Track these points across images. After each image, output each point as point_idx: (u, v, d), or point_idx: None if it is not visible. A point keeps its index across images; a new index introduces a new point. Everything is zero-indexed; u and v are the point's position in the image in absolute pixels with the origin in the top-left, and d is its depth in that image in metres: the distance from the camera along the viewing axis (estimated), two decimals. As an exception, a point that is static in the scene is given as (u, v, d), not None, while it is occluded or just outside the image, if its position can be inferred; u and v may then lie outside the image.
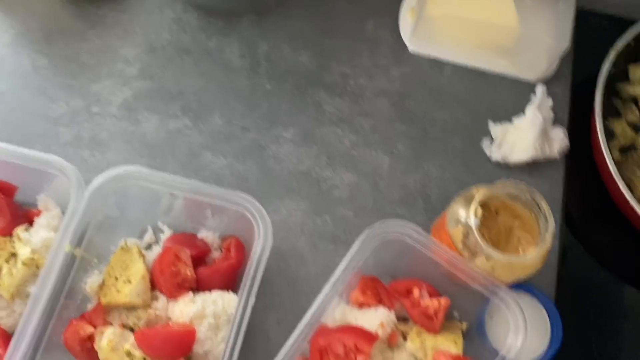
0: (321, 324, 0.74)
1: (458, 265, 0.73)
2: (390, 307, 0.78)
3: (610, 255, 0.90)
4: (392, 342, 0.77)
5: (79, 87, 0.94)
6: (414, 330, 0.77)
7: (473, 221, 0.70)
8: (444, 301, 0.77)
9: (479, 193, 0.71)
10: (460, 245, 0.73)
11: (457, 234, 0.74)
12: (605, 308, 0.87)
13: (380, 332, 0.75)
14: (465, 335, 0.80)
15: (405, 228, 0.74)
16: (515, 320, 0.72)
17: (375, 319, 0.76)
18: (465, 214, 0.72)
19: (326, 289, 0.72)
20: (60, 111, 0.93)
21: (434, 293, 0.79)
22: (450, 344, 0.76)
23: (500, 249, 0.73)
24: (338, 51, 0.99)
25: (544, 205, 0.71)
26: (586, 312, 0.86)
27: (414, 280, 0.80)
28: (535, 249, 0.70)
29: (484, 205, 0.76)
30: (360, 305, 0.79)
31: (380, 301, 0.79)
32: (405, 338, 0.78)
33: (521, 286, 0.82)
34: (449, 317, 0.81)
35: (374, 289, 0.80)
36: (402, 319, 0.81)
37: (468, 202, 0.73)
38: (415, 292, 0.78)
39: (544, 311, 0.82)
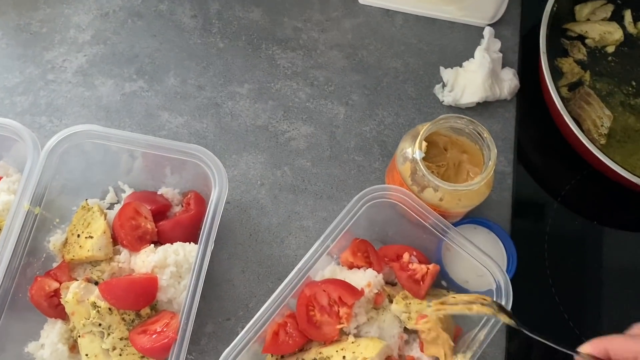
0: (310, 279, 0.75)
1: (450, 234, 0.74)
2: (379, 270, 0.79)
3: (561, 189, 0.93)
4: (377, 303, 0.78)
5: (32, 56, 0.95)
6: (400, 294, 0.78)
7: (418, 154, 0.72)
8: (432, 267, 0.77)
9: (424, 128, 0.73)
10: (409, 181, 0.76)
11: (405, 170, 0.76)
12: (559, 238, 0.90)
13: (366, 291, 0.76)
14: None
15: (399, 193, 0.74)
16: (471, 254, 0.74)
17: (363, 279, 0.77)
18: (412, 150, 0.75)
19: (315, 245, 0.73)
20: (15, 80, 0.93)
21: (424, 261, 0.80)
22: None
23: (452, 182, 0.76)
24: (289, 6, 1.01)
25: (486, 134, 0.73)
26: (541, 243, 0.89)
27: (405, 246, 0.81)
28: (480, 176, 0.72)
29: (432, 142, 0.79)
30: (350, 266, 0.81)
31: (369, 263, 0.80)
32: (391, 301, 0.78)
33: (477, 220, 0.85)
34: (437, 285, 0.82)
35: (365, 251, 0.81)
36: (390, 283, 0.82)
37: (414, 138, 0.75)
38: (405, 255, 0.79)
39: (500, 243, 0.85)
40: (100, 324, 0.73)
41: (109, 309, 0.73)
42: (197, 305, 0.70)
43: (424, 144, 0.73)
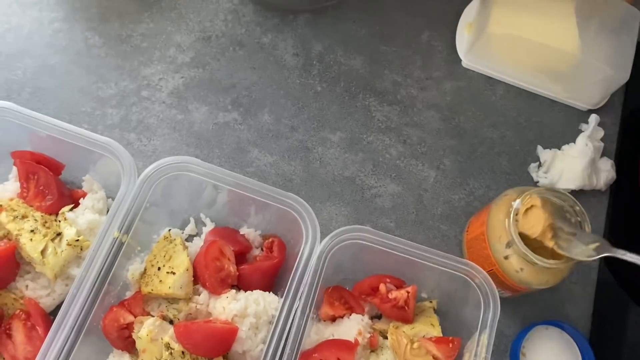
0: (300, 351, 0.71)
1: (417, 253, 0.73)
2: (362, 312, 0.78)
3: (646, 293, 0.90)
4: (373, 345, 0.76)
5: (129, 69, 0.93)
6: (391, 325, 0.77)
7: (517, 203, 0.72)
8: (411, 289, 0.76)
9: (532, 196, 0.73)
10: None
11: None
12: (639, 345, 0.86)
13: (359, 340, 0.74)
14: (438, 312, 0.80)
15: (358, 231, 0.73)
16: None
17: (351, 328, 0.76)
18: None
19: (297, 316, 0.69)
20: (109, 92, 0.91)
21: (399, 283, 0.78)
22: (428, 327, 0.77)
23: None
24: (391, 59, 0.98)
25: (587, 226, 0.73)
26: (619, 349, 0.86)
27: (376, 276, 0.79)
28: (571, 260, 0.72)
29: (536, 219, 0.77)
30: (333, 319, 0.79)
31: (350, 308, 0.79)
32: (385, 336, 0.77)
33: (552, 322, 0.82)
34: (418, 300, 0.80)
35: (341, 298, 0.79)
36: (376, 316, 0.80)
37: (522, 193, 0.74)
38: (382, 287, 0.77)
39: (576, 347, 0.81)
40: (170, 366, 0.70)
41: (182, 352, 0.70)
42: (276, 365, 0.68)
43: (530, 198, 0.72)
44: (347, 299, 0.80)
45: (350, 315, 0.78)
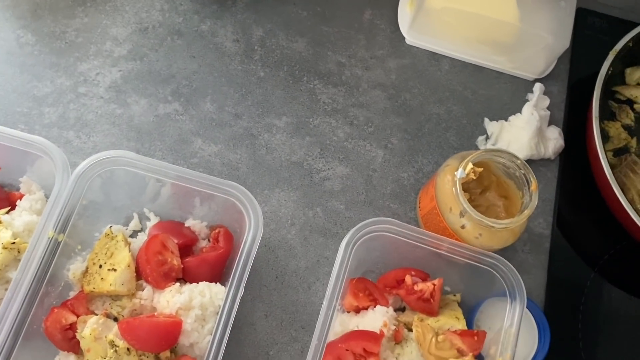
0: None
1: (443, 245, 0.73)
2: (386, 304, 0.78)
3: (600, 258, 0.89)
4: (398, 339, 0.76)
5: (65, 66, 0.91)
6: (416, 318, 0.76)
7: (460, 173, 0.72)
8: (437, 282, 0.76)
9: (475, 153, 0.74)
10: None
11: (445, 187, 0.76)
12: (594, 312, 0.86)
13: (385, 331, 0.74)
14: (462, 305, 0.80)
15: (384, 223, 0.73)
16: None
17: (376, 320, 0.75)
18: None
19: (324, 307, 0.69)
20: (45, 90, 0.89)
21: (424, 276, 0.79)
22: (453, 320, 0.77)
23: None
24: (334, 40, 0.97)
25: (533, 187, 0.73)
26: (575, 316, 0.86)
27: (401, 269, 0.79)
28: (510, 220, 0.72)
29: (479, 177, 0.78)
30: (357, 310, 0.78)
31: (374, 300, 0.78)
32: (409, 329, 0.77)
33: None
34: (442, 293, 0.80)
35: (365, 289, 0.79)
36: (399, 309, 0.80)
37: (464, 159, 0.74)
38: (408, 279, 0.77)
39: (531, 316, 0.81)
40: (116, 364, 0.69)
41: (127, 349, 0.69)
42: (222, 355, 0.66)
43: (470, 166, 0.72)
44: (372, 291, 0.79)
45: (375, 307, 0.77)
